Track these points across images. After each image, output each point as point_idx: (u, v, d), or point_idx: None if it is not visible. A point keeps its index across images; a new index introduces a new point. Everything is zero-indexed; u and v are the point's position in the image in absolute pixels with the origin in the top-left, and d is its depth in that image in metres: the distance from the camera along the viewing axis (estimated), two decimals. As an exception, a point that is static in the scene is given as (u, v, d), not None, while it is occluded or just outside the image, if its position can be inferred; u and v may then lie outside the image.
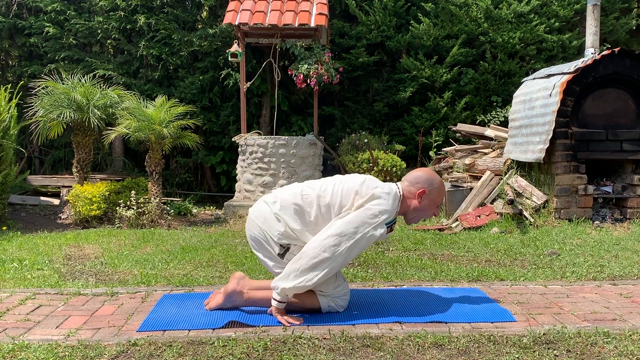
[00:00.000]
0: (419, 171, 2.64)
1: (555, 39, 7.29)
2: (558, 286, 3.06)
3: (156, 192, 5.60)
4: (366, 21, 7.46)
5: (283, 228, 2.48)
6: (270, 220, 2.50)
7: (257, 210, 2.58)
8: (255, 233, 2.55)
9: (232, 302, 2.58)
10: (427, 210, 2.61)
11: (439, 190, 2.62)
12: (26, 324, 2.45)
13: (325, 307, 2.54)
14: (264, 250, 2.55)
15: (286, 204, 2.52)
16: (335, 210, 2.51)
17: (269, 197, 2.60)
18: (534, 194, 5.23)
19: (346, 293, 2.57)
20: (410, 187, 2.59)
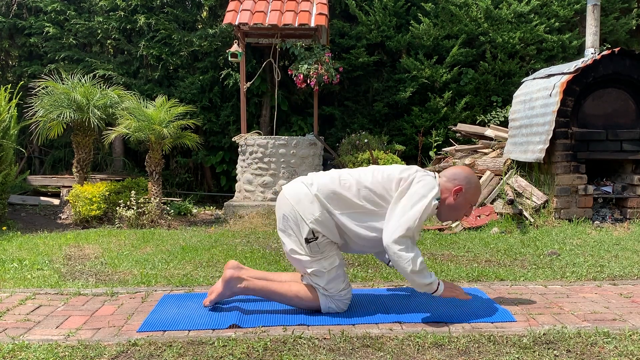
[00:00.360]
0: (458, 168, 2.62)
1: (555, 39, 7.29)
2: (558, 286, 3.06)
3: (156, 192, 5.60)
4: (366, 21, 7.46)
5: (318, 212, 2.46)
6: (305, 201, 2.48)
7: (292, 189, 2.55)
8: (287, 212, 2.51)
9: (231, 288, 2.54)
10: (460, 210, 2.59)
11: (476, 190, 2.60)
12: (26, 324, 2.45)
13: (325, 307, 2.54)
14: (290, 231, 2.52)
15: (324, 188, 2.50)
16: (378, 195, 2.48)
17: (306, 179, 2.58)
18: (534, 194, 5.23)
19: (348, 298, 2.57)
20: (448, 182, 2.57)
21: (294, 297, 2.53)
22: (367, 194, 2.50)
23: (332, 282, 2.50)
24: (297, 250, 2.51)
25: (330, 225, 2.49)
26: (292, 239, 2.52)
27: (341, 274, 2.54)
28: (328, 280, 2.49)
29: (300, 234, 2.49)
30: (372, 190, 2.50)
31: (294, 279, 2.71)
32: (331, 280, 2.50)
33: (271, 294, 2.56)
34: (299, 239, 2.49)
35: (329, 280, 2.50)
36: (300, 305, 2.55)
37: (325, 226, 2.48)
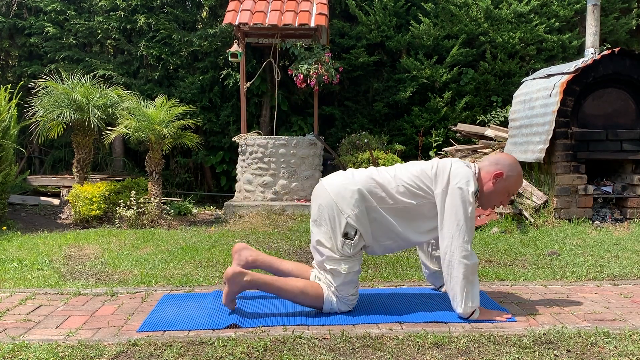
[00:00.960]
0: (503, 155, 2.62)
1: (555, 39, 7.29)
2: (558, 286, 3.06)
3: (156, 192, 5.60)
4: (366, 21, 7.46)
5: (357, 207, 2.45)
6: (346, 195, 2.47)
7: (333, 181, 2.54)
8: (324, 203, 2.49)
9: (237, 283, 2.47)
10: (498, 196, 2.58)
11: (517, 179, 2.58)
12: (26, 324, 2.45)
13: (328, 306, 2.53)
14: (322, 222, 2.50)
15: (366, 183, 2.50)
16: (415, 190, 2.49)
17: (346, 173, 2.58)
18: (534, 194, 5.23)
19: (353, 303, 2.56)
20: (490, 166, 2.56)
21: (299, 294, 2.51)
22: (404, 190, 2.50)
23: (345, 285, 2.50)
24: (323, 243, 2.49)
25: (365, 222, 2.48)
26: (323, 229, 2.50)
27: (355, 280, 2.53)
28: (343, 282, 2.49)
29: (333, 227, 2.47)
30: (410, 185, 2.50)
31: (298, 269, 2.71)
32: (346, 283, 2.50)
33: (276, 290, 2.53)
34: (330, 233, 2.48)
35: (344, 282, 2.49)
36: (304, 302, 2.53)
37: (362, 222, 2.47)
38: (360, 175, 2.55)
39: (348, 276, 2.49)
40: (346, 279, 2.49)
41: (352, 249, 2.48)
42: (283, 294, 2.54)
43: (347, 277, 2.49)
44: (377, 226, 2.51)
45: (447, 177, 2.47)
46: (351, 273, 2.50)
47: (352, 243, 2.47)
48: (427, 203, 2.51)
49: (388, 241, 2.56)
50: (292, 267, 2.75)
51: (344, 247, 2.47)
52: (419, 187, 2.50)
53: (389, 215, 2.50)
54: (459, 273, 2.40)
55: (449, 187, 2.45)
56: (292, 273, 2.72)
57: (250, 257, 2.74)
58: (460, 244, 2.40)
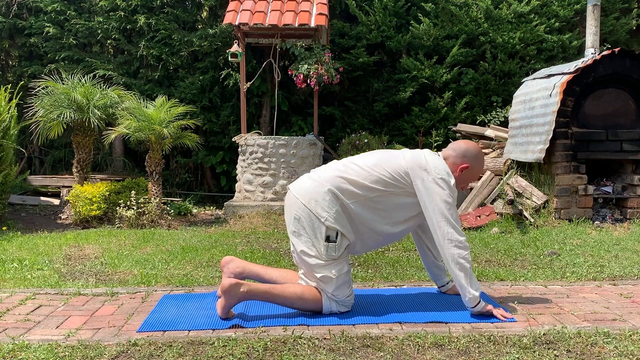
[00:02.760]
0: (468, 144, 2.64)
1: (556, 39, 7.29)
2: (558, 286, 3.06)
3: (156, 192, 5.60)
4: (366, 21, 7.46)
5: (333, 208, 2.43)
6: (318, 198, 2.44)
7: (301, 187, 2.51)
8: (299, 212, 2.47)
9: (234, 295, 2.43)
10: (461, 184, 2.62)
11: (480, 168, 2.64)
12: (26, 324, 2.45)
13: (327, 309, 2.52)
14: (302, 231, 2.47)
15: (334, 180, 2.47)
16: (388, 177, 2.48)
17: (311, 175, 2.55)
18: (534, 194, 5.23)
19: (351, 303, 2.57)
20: (457, 158, 2.59)
21: (297, 300, 2.50)
22: (376, 179, 2.48)
23: (339, 289, 2.49)
24: (307, 252, 2.47)
25: (344, 221, 2.47)
26: (303, 239, 2.48)
27: (348, 280, 2.53)
28: (336, 287, 2.48)
29: (314, 234, 2.45)
30: (380, 174, 2.49)
31: (284, 276, 2.70)
32: (339, 286, 2.49)
33: (273, 298, 2.50)
34: (312, 240, 2.46)
35: (337, 286, 2.49)
36: (303, 308, 2.53)
37: (340, 222, 2.46)
38: (326, 174, 2.51)
39: (340, 279, 2.48)
40: (338, 282, 2.48)
41: (337, 250, 2.47)
42: (281, 302, 2.52)
43: (339, 280, 2.48)
44: (356, 222, 2.49)
45: (425, 168, 2.48)
46: (342, 275, 2.49)
47: (336, 245, 2.46)
48: (400, 192, 2.50)
49: (368, 236, 2.54)
50: (279, 275, 2.73)
51: (328, 250, 2.45)
52: (391, 176, 2.49)
53: (363, 208, 2.48)
54: (455, 262, 2.43)
55: (430, 177, 2.46)
56: (279, 281, 2.69)
57: (238, 268, 2.71)
58: (453, 232, 2.43)
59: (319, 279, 2.48)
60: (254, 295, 2.47)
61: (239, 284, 2.43)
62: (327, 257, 2.46)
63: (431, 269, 2.88)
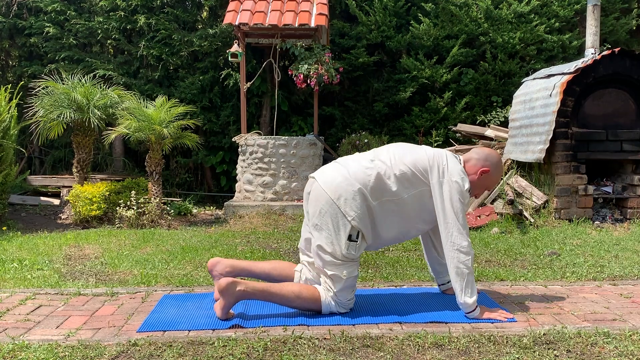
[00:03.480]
0: (492, 152, 2.64)
1: (556, 39, 7.29)
2: (558, 286, 3.06)
3: (156, 192, 5.60)
4: (366, 21, 7.46)
5: (360, 208, 2.41)
6: (348, 196, 2.42)
7: (331, 182, 2.46)
8: (325, 207, 2.44)
9: (232, 295, 2.42)
10: (476, 189, 2.62)
11: (498, 177, 2.66)
12: (26, 324, 2.45)
13: (326, 309, 2.52)
14: (327, 230, 2.44)
15: (365, 180, 2.45)
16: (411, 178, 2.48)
17: (341, 169, 2.50)
18: (534, 194, 5.23)
19: (350, 306, 2.57)
20: (478, 161, 2.59)
21: (295, 299, 2.49)
22: (402, 177, 2.48)
23: (344, 291, 2.50)
24: (325, 248, 2.45)
25: (367, 222, 2.46)
26: (324, 234, 2.45)
27: (354, 284, 2.54)
28: (343, 287, 2.48)
29: (335, 231, 2.43)
30: (406, 172, 2.48)
31: (276, 268, 2.69)
32: (345, 288, 2.49)
33: (271, 296, 2.49)
34: (332, 237, 2.44)
35: (344, 287, 2.49)
36: (301, 307, 2.52)
37: (364, 223, 2.45)
38: (356, 170, 2.48)
39: (348, 281, 2.49)
40: (346, 283, 2.49)
41: (357, 250, 2.47)
42: (279, 300, 2.51)
43: (347, 282, 2.49)
44: (379, 223, 2.50)
45: (443, 169, 2.48)
46: (351, 278, 2.49)
47: (357, 244, 2.45)
48: (425, 190, 2.50)
49: (389, 234, 2.55)
50: (270, 267, 2.71)
51: (349, 249, 2.44)
52: (412, 172, 2.48)
53: (386, 210, 2.47)
54: (455, 267, 2.43)
55: (445, 179, 2.46)
56: (272, 273, 2.68)
57: (227, 268, 2.67)
58: (458, 236, 2.43)
59: (330, 276, 2.47)
60: (252, 294, 2.46)
61: (235, 282, 2.42)
62: (345, 256, 2.45)
63: (434, 266, 2.88)
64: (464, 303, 2.44)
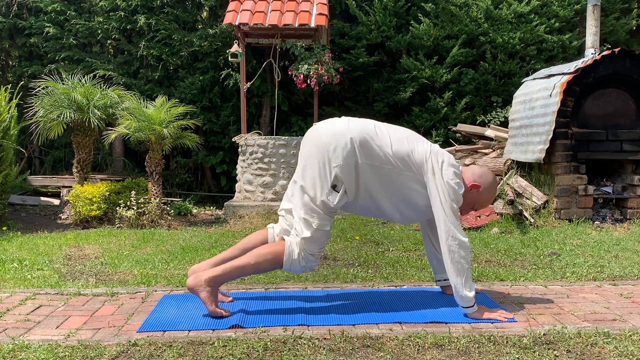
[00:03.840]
0: (490, 173, 2.65)
1: (556, 39, 7.29)
2: (558, 286, 3.06)
3: (156, 192, 5.60)
4: (366, 21, 7.46)
5: (348, 158, 2.41)
6: (339, 143, 2.42)
7: (329, 127, 2.49)
8: (315, 149, 2.45)
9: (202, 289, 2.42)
10: (464, 205, 2.60)
11: (488, 198, 2.64)
12: (26, 324, 2.45)
13: (287, 261, 2.49)
14: (312, 171, 2.44)
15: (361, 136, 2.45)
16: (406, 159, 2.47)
17: (342, 121, 2.52)
18: (534, 194, 5.23)
19: (314, 263, 2.54)
20: (471, 175, 2.58)
21: (259, 262, 2.47)
22: (399, 155, 2.47)
23: (311, 241, 2.48)
24: (306, 190, 2.46)
25: (351, 177, 2.44)
26: (309, 176, 2.46)
27: (323, 241, 2.52)
28: (310, 236, 2.47)
29: (320, 176, 2.43)
30: (406, 154, 2.48)
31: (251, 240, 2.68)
32: (313, 239, 2.47)
33: (238, 271, 2.48)
34: (315, 180, 2.44)
35: (311, 237, 2.47)
36: (267, 266, 2.49)
37: (348, 177, 2.43)
38: (356, 126, 2.49)
39: (317, 232, 2.47)
40: (314, 234, 2.47)
41: (336, 201, 2.44)
42: (246, 271, 2.50)
43: (315, 233, 2.47)
44: (362, 184, 2.48)
45: (442, 167, 2.47)
46: (320, 231, 2.47)
47: (338, 196, 2.44)
48: (411, 177, 2.48)
49: (363, 201, 2.53)
50: (244, 242, 2.69)
51: (329, 197, 2.43)
52: (411, 160, 2.48)
53: (373, 174, 2.46)
54: (454, 261, 2.43)
55: (444, 178, 2.45)
56: (247, 246, 2.65)
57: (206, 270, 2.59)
58: (458, 232, 2.43)
59: (302, 218, 2.47)
60: (219, 278, 2.46)
61: (197, 276, 2.45)
62: (324, 202, 2.44)
63: (432, 260, 2.89)
64: (465, 297, 2.43)
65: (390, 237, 4.66)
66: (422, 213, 2.59)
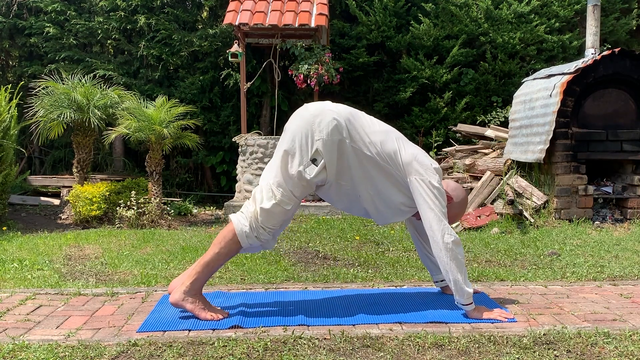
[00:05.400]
0: (461, 187, 2.69)
1: (556, 39, 7.29)
2: (558, 286, 3.06)
3: (156, 192, 5.60)
4: (366, 21, 7.46)
5: (330, 137, 2.40)
6: (325, 118, 2.42)
7: (317, 106, 2.51)
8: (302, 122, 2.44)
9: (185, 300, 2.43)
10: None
11: (457, 213, 2.67)
12: (26, 324, 2.45)
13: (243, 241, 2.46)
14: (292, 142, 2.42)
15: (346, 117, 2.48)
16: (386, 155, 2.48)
17: (331, 103, 2.55)
18: (534, 194, 5.23)
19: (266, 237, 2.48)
20: (446, 188, 2.59)
21: (219, 249, 2.44)
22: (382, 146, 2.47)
23: (269, 214, 2.42)
24: (286, 157, 2.43)
25: (333, 154, 2.42)
26: (288, 145, 2.43)
27: (279, 220, 2.46)
28: (268, 209, 2.41)
29: (301, 147, 2.41)
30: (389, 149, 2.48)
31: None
32: (271, 212, 2.42)
33: (209, 267, 2.47)
34: (295, 150, 2.42)
35: (268, 210, 2.41)
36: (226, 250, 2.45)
37: (329, 153, 2.41)
38: (345, 108, 2.54)
39: (276, 207, 2.42)
40: (273, 208, 2.42)
41: (313, 175, 2.40)
42: (213, 262, 2.47)
43: (274, 208, 2.42)
44: (345, 166, 2.46)
45: (426, 170, 2.47)
46: (280, 207, 2.42)
47: (316, 170, 2.40)
48: (395, 173, 2.48)
49: (345, 186, 2.51)
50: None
51: (306, 169, 2.40)
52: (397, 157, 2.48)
53: (356, 155, 2.45)
54: (453, 258, 2.43)
55: (429, 179, 2.45)
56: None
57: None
58: (449, 228, 2.44)
59: (267, 186, 2.44)
60: (195, 280, 2.45)
61: (175, 291, 2.46)
62: (300, 172, 2.40)
63: (426, 262, 2.90)
64: (467, 293, 2.42)
65: (390, 237, 4.66)
66: (396, 211, 2.57)
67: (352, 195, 2.55)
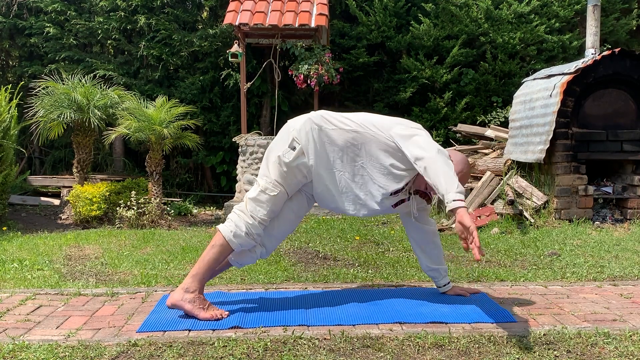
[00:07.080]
0: (466, 160, 2.66)
1: (556, 39, 7.29)
2: (558, 287, 3.06)
3: (156, 192, 5.60)
4: (366, 22, 7.46)
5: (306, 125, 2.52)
6: (299, 120, 2.58)
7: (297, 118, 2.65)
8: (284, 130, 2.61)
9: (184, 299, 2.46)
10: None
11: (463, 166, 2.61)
12: (26, 324, 2.45)
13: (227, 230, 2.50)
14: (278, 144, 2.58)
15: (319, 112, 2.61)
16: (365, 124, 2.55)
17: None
18: (534, 195, 5.23)
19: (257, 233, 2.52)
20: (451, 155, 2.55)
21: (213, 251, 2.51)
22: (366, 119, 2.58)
23: (258, 203, 2.50)
24: (269, 153, 2.58)
25: (310, 140, 2.51)
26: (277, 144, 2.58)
27: (267, 208, 2.50)
28: (255, 197, 2.50)
29: (284, 140, 2.56)
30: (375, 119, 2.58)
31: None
32: (260, 201, 2.50)
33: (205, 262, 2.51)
34: (278, 145, 2.56)
35: (256, 198, 2.50)
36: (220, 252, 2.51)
37: (306, 139, 2.51)
38: (318, 111, 2.65)
39: (261, 195, 2.50)
40: (259, 196, 2.50)
41: (291, 158, 2.49)
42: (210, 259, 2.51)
43: (262, 196, 2.49)
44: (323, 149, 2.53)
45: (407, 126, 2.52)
46: (265, 194, 2.50)
47: (294, 153, 2.50)
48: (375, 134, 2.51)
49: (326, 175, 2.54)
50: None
51: (285, 154, 2.51)
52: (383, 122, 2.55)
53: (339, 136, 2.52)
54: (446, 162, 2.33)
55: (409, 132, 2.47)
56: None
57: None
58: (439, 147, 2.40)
59: (257, 179, 2.59)
60: (201, 278, 2.50)
61: (180, 293, 2.48)
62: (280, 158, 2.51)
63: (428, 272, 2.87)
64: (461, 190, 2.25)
65: (390, 237, 4.66)
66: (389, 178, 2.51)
67: (342, 182, 2.56)
